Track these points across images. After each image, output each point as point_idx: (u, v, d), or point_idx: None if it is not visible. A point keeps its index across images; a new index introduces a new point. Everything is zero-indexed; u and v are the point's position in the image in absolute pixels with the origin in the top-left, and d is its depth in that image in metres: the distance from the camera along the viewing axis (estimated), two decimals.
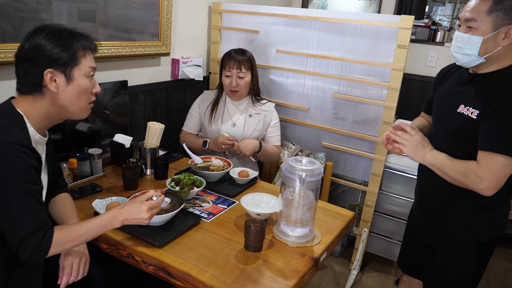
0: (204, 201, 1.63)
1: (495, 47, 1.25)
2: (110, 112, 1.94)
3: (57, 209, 1.35)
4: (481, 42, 1.25)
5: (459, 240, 1.47)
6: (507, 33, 1.24)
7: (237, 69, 2.04)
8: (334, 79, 2.27)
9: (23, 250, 1.06)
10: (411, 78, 3.18)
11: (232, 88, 2.07)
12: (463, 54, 1.31)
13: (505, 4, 1.22)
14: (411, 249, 1.70)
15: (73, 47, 1.15)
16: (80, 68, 1.17)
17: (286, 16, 2.33)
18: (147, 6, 2.10)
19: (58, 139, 1.70)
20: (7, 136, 1.06)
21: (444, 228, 1.50)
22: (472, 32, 1.27)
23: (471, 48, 1.28)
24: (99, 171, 1.79)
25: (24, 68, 1.14)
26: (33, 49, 1.12)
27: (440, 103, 1.48)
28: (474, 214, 1.42)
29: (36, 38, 1.12)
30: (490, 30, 1.24)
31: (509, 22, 1.23)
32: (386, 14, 2.68)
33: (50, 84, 1.13)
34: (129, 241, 1.31)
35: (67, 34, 1.15)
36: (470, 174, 1.27)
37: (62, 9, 1.73)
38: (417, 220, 1.64)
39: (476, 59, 1.29)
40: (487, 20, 1.24)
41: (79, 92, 1.19)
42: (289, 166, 1.35)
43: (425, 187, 1.58)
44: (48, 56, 1.12)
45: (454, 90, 1.41)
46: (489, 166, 1.24)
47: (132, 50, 2.07)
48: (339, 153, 2.37)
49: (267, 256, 1.30)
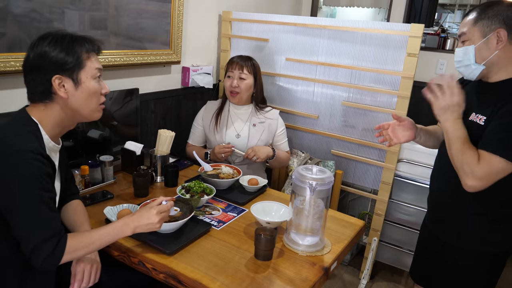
0: (214, 209, 1.64)
1: (491, 52, 1.30)
2: (121, 119, 1.97)
3: (69, 216, 1.36)
4: (475, 50, 1.32)
5: (470, 251, 1.45)
6: (498, 37, 1.28)
7: (239, 70, 2.06)
8: (343, 87, 2.27)
9: (36, 257, 1.07)
10: (421, 85, 3.15)
11: (232, 89, 2.07)
12: (464, 66, 1.36)
13: (488, 13, 1.29)
14: (423, 259, 1.68)
15: (76, 51, 1.16)
16: (86, 70, 1.18)
17: (295, 24, 2.35)
18: (158, 15, 2.12)
19: (70, 146, 1.72)
20: (22, 144, 1.08)
21: (455, 239, 1.48)
22: (466, 44, 1.35)
23: (468, 58, 1.34)
24: (110, 178, 1.81)
25: (32, 77, 1.15)
26: (38, 58, 1.13)
27: None
28: (486, 225, 1.41)
29: (39, 46, 1.13)
30: (479, 38, 1.31)
31: (496, 27, 1.28)
32: (395, 22, 2.68)
33: (59, 90, 1.15)
34: (139, 248, 1.32)
35: (69, 39, 1.16)
36: (467, 166, 1.27)
37: (75, 18, 1.76)
38: (429, 230, 1.63)
39: (476, 67, 1.33)
40: (474, 29, 1.32)
41: (88, 94, 1.20)
42: (299, 175, 1.35)
43: (436, 196, 1.57)
44: (54, 63, 1.13)
45: (466, 100, 1.40)
46: (486, 166, 1.24)
47: (143, 59, 2.10)
48: (348, 161, 2.36)
49: (277, 265, 1.30)
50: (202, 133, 2.18)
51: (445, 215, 1.51)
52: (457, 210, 1.46)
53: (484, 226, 1.41)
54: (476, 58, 1.32)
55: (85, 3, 1.78)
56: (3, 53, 1.54)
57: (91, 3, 1.80)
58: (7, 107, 1.59)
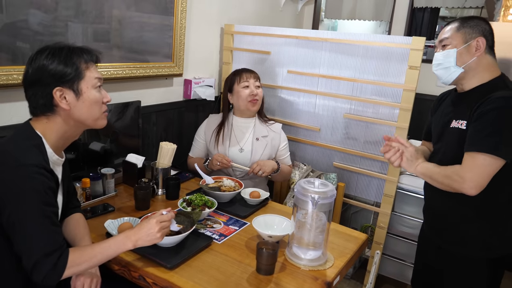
0: (216, 222, 1.62)
1: (470, 57, 1.41)
2: (123, 132, 1.97)
3: (70, 230, 1.35)
4: (456, 54, 1.42)
5: (469, 257, 1.46)
6: (477, 44, 1.40)
7: (254, 79, 2.08)
8: (345, 99, 2.27)
9: (37, 273, 1.06)
10: (422, 98, 3.17)
11: (253, 97, 2.06)
12: (443, 68, 1.45)
13: (469, 23, 1.42)
14: (423, 269, 1.70)
15: (75, 62, 1.16)
16: (86, 80, 1.18)
17: (297, 37, 2.36)
18: (161, 28, 2.14)
19: (71, 158, 1.71)
20: (26, 158, 1.08)
21: (453, 246, 1.49)
22: (447, 48, 1.45)
23: (449, 60, 1.43)
24: (111, 191, 1.80)
25: (33, 91, 1.15)
26: (38, 71, 1.13)
27: (436, 126, 1.58)
28: (482, 230, 1.42)
29: (38, 60, 1.14)
30: (462, 42, 1.42)
31: (476, 35, 1.40)
32: (396, 35, 2.69)
33: (61, 102, 1.15)
34: (140, 263, 1.31)
35: (66, 50, 1.17)
36: (454, 175, 1.34)
37: (78, 31, 1.77)
38: (427, 238, 1.65)
39: (455, 70, 1.43)
40: (457, 35, 1.43)
41: (90, 104, 1.20)
42: (301, 188, 1.34)
43: (431, 204, 1.61)
44: (53, 75, 1.13)
45: (447, 110, 1.53)
46: (471, 165, 1.31)
47: (146, 71, 2.11)
48: (350, 173, 2.35)
49: (279, 280, 1.28)
50: (204, 147, 2.18)
51: (442, 222, 1.54)
52: (453, 217, 1.48)
53: (481, 231, 1.43)
54: (457, 61, 1.42)
55: (88, 16, 1.79)
56: (5, 66, 1.55)
57: (94, 16, 1.82)
58: (8, 120, 1.60)
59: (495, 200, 1.39)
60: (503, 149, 1.27)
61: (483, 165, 1.28)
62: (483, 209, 1.40)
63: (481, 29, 1.41)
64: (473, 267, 1.46)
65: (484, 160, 1.28)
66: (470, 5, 3.50)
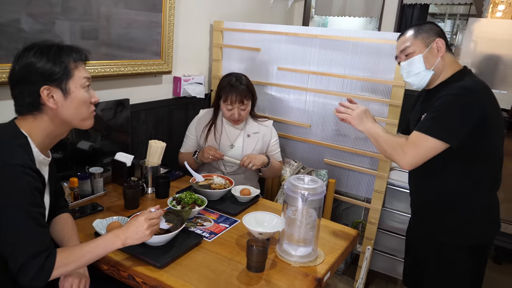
0: (206, 220, 1.61)
1: (435, 58, 1.46)
2: (111, 130, 1.95)
3: (57, 230, 1.33)
4: (423, 58, 1.46)
5: (451, 245, 1.50)
6: (437, 45, 1.45)
7: (239, 103, 1.98)
8: (335, 95, 2.27)
9: (24, 275, 1.04)
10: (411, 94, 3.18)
11: (235, 119, 2.03)
12: (414, 74, 1.49)
13: (423, 28, 1.48)
14: (411, 261, 1.73)
15: (64, 61, 1.14)
16: (75, 80, 1.16)
17: (287, 34, 2.35)
18: (149, 25, 2.12)
19: (59, 158, 1.69)
20: (11, 157, 1.06)
21: (435, 234, 1.54)
22: (411, 56, 1.49)
23: (417, 66, 1.48)
24: (100, 190, 1.78)
25: (19, 89, 1.13)
26: (25, 69, 1.11)
27: (412, 121, 1.64)
28: (459, 217, 1.48)
29: (25, 58, 1.11)
30: (424, 47, 1.47)
31: (434, 38, 1.46)
32: (386, 31, 2.70)
33: (48, 101, 1.13)
34: (129, 262, 1.30)
35: (55, 49, 1.14)
36: (398, 147, 1.42)
37: (65, 28, 1.75)
38: (413, 230, 1.71)
39: (426, 73, 1.47)
40: (417, 42, 1.48)
41: (78, 104, 1.17)
42: (291, 185, 1.34)
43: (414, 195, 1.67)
44: (41, 74, 1.11)
45: (418, 108, 1.61)
46: (416, 144, 1.38)
47: (134, 69, 2.09)
48: (341, 170, 2.35)
49: (270, 277, 1.28)
50: (195, 143, 2.16)
51: (423, 212, 1.61)
52: (433, 207, 1.54)
53: (462, 218, 1.48)
54: (426, 65, 1.47)
55: (76, 13, 1.76)
56: None
57: (81, 13, 1.79)
58: None
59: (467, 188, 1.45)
60: (447, 134, 1.34)
61: (426, 146, 1.36)
62: (458, 197, 1.47)
63: (435, 31, 1.47)
64: (455, 254, 1.50)
65: (427, 142, 1.35)
66: (459, 1, 3.52)
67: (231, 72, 2.10)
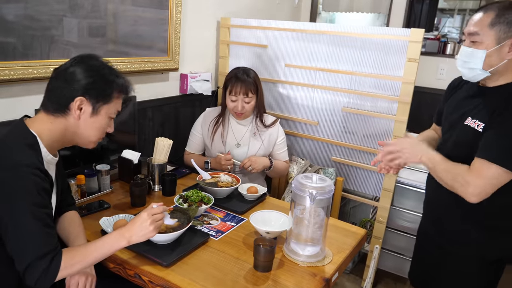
0: (213, 218, 1.60)
1: (500, 60, 1.24)
2: (118, 127, 1.93)
3: (64, 228, 1.33)
4: (485, 56, 1.24)
5: (466, 257, 1.43)
6: (511, 46, 1.22)
7: (243, 94, 1.98)
8: (343, 92, 2.25)
9: (30, 275, 1.04)
10: (421, 91, 3.14)
11: (238, 112, 2.02)
12: (468, 68, 1.30)
13: (507, 17, 1.20)
14: (420, 263, 1.67)
15: (113, 86, 1.19)
16: (110, 107, 1.21)
17: (294, 30, 2.33)
18: (156, 22, 2.11)
19: (66, 155, 1.69)
20: (19, 158, 1.06)
21: (451, 244, 1.47)
22: (476, 46, 1.26)
23: (475, 62, 1.27)
24: (107, 188, 1.78)
25: (59, 85, 1.15)
26: (80, 73, 1.14)
27: (449, 115, 1.46)
28: (482, 231, 1.39)
29: (90, 61, 1.17)
30: (493, 43, 1.23)
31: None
32: (395, 27, 2.67)
33: (75, 110, 1.15)
34: (136, 260, 1.29)
35: (115, 72, 1.20)
36: (459, 177, 1.26)
37: (73, 26, 1.74)
38: (425, 233, 1.62)
39: (481, 73, 1.28)
40: (490, 33, 1.23)
41: (97, 127, 1.21)
42: (299, 184, 1.32)
43: (432, 202, 1.56)
44: (87, 85, 1.14)
45: (463, 103, 1.39)
46: (479, 172, 1.22)
47: (141, 66, 2.08)
48: (349, 167, 2.33)
49: (277, 277, 1.27)
50: (201, 141, 2.15)
51: (443, 220, 1.49)
52: (454, 216, 1.44)
53: (481, 232, 1.39)
54: (484, 64, 1.25)
55: (83, 11, 1.76)
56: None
57: (89, 10, 1.78)
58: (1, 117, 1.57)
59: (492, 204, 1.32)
60: None
61: (493, 176, 1.20)
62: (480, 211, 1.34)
63: None
64: (470, 267, 1.43)
65: (496, 171, 1.20)
66: None
67: (239, 66, 2.09)
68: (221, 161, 1.97)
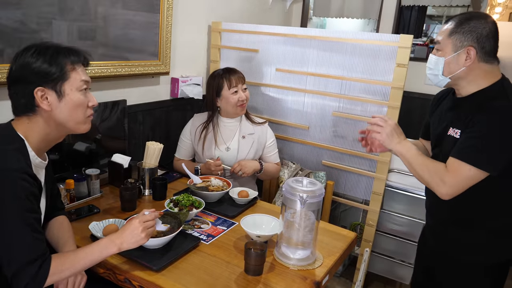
0: (203, 222, 1.60)
1: (458, 67, 1.32)
2: (108, 131, 1.93)
3: (53, 233, 1.32)
4: (444, 63, 1.34)
5: (469, 264, 1.43)
6: (467, 54, 1.30)
7: (241, 83, 2.05)
8: (334, 97, 2.27)
9: (19, 281, 1.02)
10: (410, 96, 3.18)
11: (243, 102, 2.05)
12: (433, 74, 1.39)
13: (464, 27, 1.29)
14: (422, 272, 1.67)
15: (60, 62, 1.12)
16: (71, 82, 1.14)
17: (285, 35, 2.34)
18: (147, 25, 2.10)
19: (55, 159, 1.67)
20: (7, 162, 1.04)
21: (453, 251, 1.47)
22: (439, 54, 1.36)
23: (438, 68, 1.36)
24: (96, 192, 1.76)
25: (15, 89, 1.12)
26: (21, 69, 1.10)
27: (434, 130, 1.52)
28: (484, 236, 1.40)
29: (22, 57, 1.10)
30: (450, 51, 1.32)
31: (468, 44, 1.29)
32: (384, 33, 2.70)
33: (41, 102, 1.11)
34: (126, 265, 1.28)
35: (53, 49, 1.13)
36: (436, 176, 1.30)
37: (62, 29, 1.73)
38: (427, 242, 1.62)
39: (443, 79, 1.37)
40: (448, 42, 1.33)
41: (73, 107, 1.15)
42: (289, 187, 1.33)
43: (433, 209, 1.56)
44: (36, 74, 1.10)
45: (445, 115, 1.46)
46: (456, 173, 1.28)
47: (132, 70, 2.07)
48: (339, 171, 2.34)
49: (268, 280, 1.27)
50: (190, 147, 2.15)
51: (444, 228, 1.50)
52: (455, 223, 1.45)
53: (482, 238, 1.40)
54: (444, 71, 1.35)
55: (73, 14, 1.75)
56: None
57: (79, 13, 1.77)
58: None
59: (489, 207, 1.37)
60: (490, 163, 1.25)
61: (467, 176, 1.26)
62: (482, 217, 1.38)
63: (475, 35, 1.28)
64: (473, 273, 1.44)
65: (469, 171, 1.25)
66: (457, 3, 3.53)
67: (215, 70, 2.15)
68: (210, 167, 1.97)
